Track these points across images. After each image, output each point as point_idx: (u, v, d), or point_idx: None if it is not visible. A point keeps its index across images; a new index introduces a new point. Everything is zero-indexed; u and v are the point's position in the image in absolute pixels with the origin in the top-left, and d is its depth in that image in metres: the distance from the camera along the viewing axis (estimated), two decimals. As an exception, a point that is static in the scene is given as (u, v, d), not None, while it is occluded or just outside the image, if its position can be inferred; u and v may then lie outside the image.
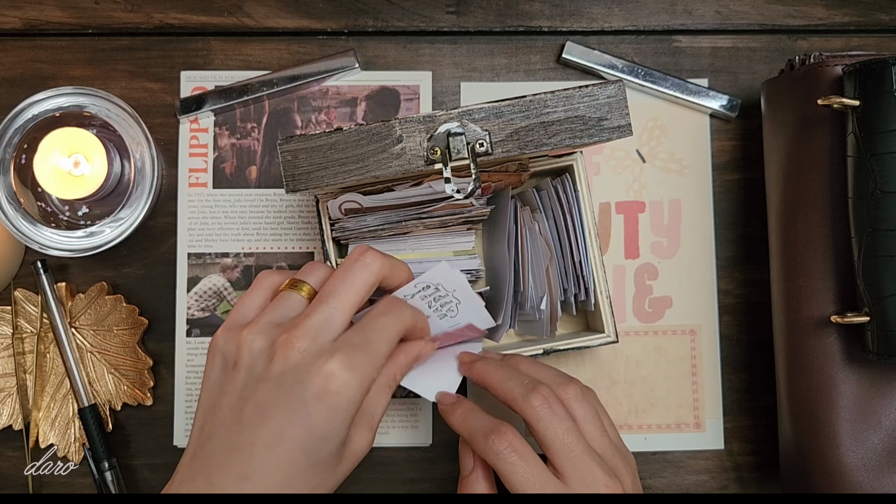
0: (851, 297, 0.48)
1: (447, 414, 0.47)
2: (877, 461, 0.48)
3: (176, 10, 0.59)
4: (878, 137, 0.45)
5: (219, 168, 0.58)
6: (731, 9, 0.59)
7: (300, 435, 0.39)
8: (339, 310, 0.42)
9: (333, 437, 0.40)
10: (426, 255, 0.53)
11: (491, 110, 0.44)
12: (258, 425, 0.39)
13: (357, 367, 0.40)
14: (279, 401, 0.39)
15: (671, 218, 0.59)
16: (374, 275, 0.43)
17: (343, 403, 0.40)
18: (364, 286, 0.43)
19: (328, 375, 0.39)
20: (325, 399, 0.39)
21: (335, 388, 0.39)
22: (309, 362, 0.40)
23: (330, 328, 0.41)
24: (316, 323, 0.41)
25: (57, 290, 0.56)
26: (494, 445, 0.44)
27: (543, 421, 0.44)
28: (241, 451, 0.39)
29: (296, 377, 0.40)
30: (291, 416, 0.39)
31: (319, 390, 0.39)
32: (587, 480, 0.43)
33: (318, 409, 0.39)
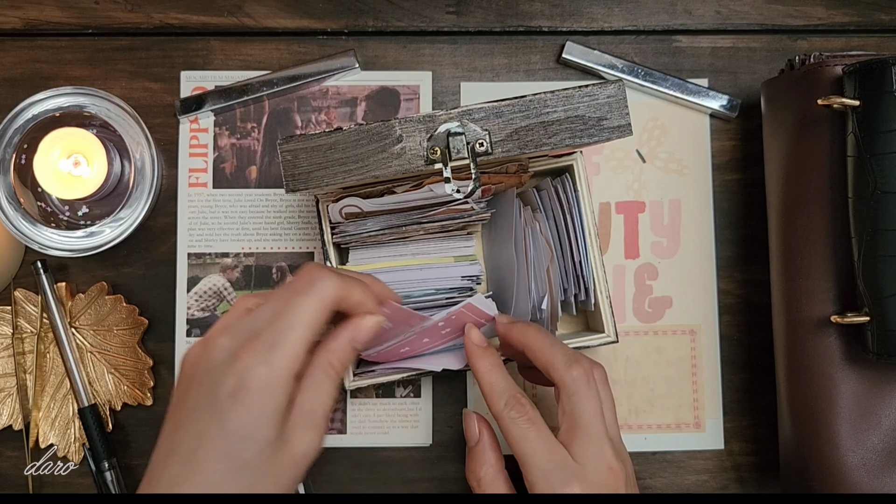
0: (851, 297, 0.48)
1: (474, 357, 0.48)
2: (877, 461, 0.48)
3: (176, 10, 0.59)
4: (878, 137, 0.45)
5: (219, 168, 0.58)
6: (731, 9, 0.59)
7: (216, 435, 0.37)
8: (266, 307, 0.40)
9: (253, 436, 0.38)
10: (427, 260, 0.53)
11: (491, 110, 0.44)
12: (185, 428, 0.39)
13: (269, 358, 0.38)
14: (200, 402, 0.39)
15: (671, 218, 0.59)
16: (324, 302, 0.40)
17: (256, 400, 0.38)
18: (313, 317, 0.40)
19: (241, 372, 0.38)
20: (237, 396, 0.37)
21: (246, 384, 0.38)
22: (225, 360, 0.39)
23: (251, 325, 0.40)
24: (239, 323, 0.40)
25: (57, 290, 0.56)
26: (511, 412, 0.44)
27: (578, 395, 0.45)
28: (172, 456, 0.39)
29: (215, 377, 0.38)
30: (210, 418, 0.38)
31: (233, 388, 0.38)
32: (595, 458, 0.43)
33: (231, 407, 0.37)
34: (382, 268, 0.52)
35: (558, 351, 0.46)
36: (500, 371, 0.47)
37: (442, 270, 0.53)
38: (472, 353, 0.48)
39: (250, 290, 0.58)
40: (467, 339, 0.48)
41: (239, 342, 0.39)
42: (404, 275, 0.52)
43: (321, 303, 0.40)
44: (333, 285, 0.41)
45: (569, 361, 0.45)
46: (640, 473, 0.58)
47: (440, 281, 0.52)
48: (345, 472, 0.57)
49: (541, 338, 0.47)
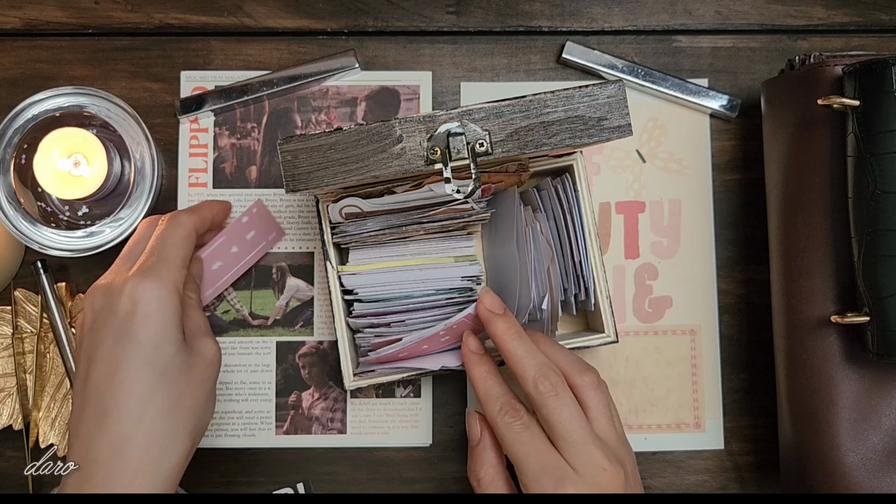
0: (851, 297, 0.48)
1: (470, 363, 0.48)
2: (877, 461, 0.48)
3: (176, 10, 0.59)
4: (878, 137, 0.45)
5: (219, 168, 0.58)
6: (731, 9, 0.59)
7: (131, 352, 0.42)
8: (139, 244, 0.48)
9: (165, 340, 0.44)
10: (427, 260, 0.53)
11: (491, 110, 0.44)
12: (94, 364, 0.43)
13: (154, 275, 0.45)
14: (101, 337, 0.43)
15: (671, 218, 0.59)
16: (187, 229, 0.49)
17: (154, 310, 0.43)
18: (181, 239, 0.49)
19: (131, 292, 0.44)
20: (136, 311, 0.43)
21: (139, 297, 0.43)
22: (114, 291, 0.44)
23: (129, 257, 0.47)
24: (120, 261, 0.47)
25: (57, 290, 0.56)
26: (506, 417, 0.45)
27: (548, 406, 0.45)
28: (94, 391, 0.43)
29: (109, 307, 0.44)
30: (116, 340, 0.43)
31: (129, 307, 0.43)
32: (586, 463, 0.44)
33: (134, 323, 0.43)
34: (383, 268, 0.52)
35: (529, 362, 0.46)
36: (494, 377, 0.47)
37: (442, 271, 0.53)
38: (469, 359, 0.48)
39: (250, 290, 0.58)
40: (464, 347, 0.49)
41: (122, 273, 0.46)
42: (404, 275, 0.52)
43: (188, 230, 0.49)
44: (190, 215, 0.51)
45: (536, 375, 0.45)
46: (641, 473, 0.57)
47: (440, 281, 0.52)
48: (345, 472, 0.57)
49: (515, 344, 0.47)
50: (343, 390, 0.57)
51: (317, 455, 0.57)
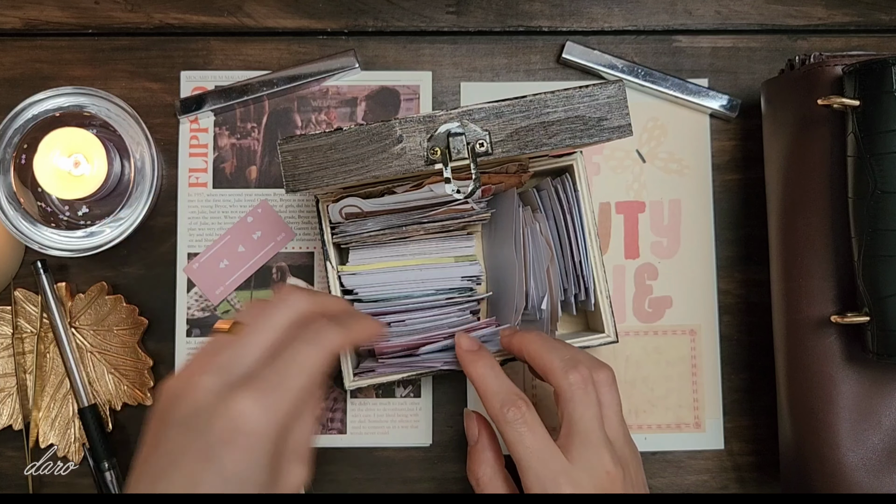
0: (851, 297, 0.48)
1: (467, 363, 0.47)
2: (877, 461, 0.48)
3: (176, 10, 0.59)
4: (878, 137, 0.45)
5: (219, 168, 0.58)
6: (731, 9, 0.59)
7: (214, 483, 0.35)
8: (253, 344, 0.39)
9: (253, 480, 0.36)
10: (427, 260, 0.53)
11: (491, 110, 0.44)
12: (172, 475, 0.36)
13: (268, 405, 0.37)
14: (187, 447, 0.36)
15: (671, 218, 0.59)
16: (297, 312, 0.41)
17: (255, 445, 0.36)
18: (284, 323, 0.40)
19: (236, 416, 0.36)
20: (235, 442, 0.36)
21: (245, 430, 0.36)
22: (214, 402, 0.36)
23: (240, 364, 0.38)
24: (224, 360, 0.38)
25: (57, 290, 0.56)
26: (508, 414, 0.44)
27: (575, 401, 0.44)
28: None
29: (202, 420, 0.36)
30: (202, 464, 0.36)
31: (228, 433, 0.36)
32: (593, 464, 0.43)
33: (228, 453, 0.36)
34: (382, 268, 0.52)
35: (556, 356, 0.46)
36: (494, 372, 0.46)
37: (442, 271, 0.53)
38: (464, 359, 0.48)
39: (250, 290, 0.58)
40: (458, 348, 0.48)
41: (227, 382, 0.37)
42: (404, 275, 0.52)
43: (327, 355, 0.40)
44: (340, 339, 0.40)
45: (566, 367, 0.45)
46: (640, 473, 0.58)
47: (440, 281, 0.53)
48: (345, 472, 0.57)
49: (539, 343, 0.47)
50: (343, 390, 0.57)
51: (317, 455, 0.57)
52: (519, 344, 0.48)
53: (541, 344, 0.47)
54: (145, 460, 0.37)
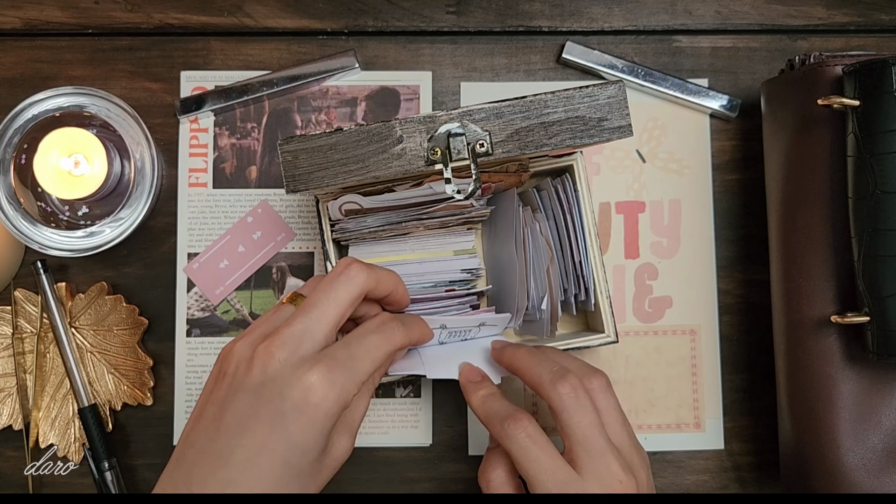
0: (851, 297, 0.48)
1: (468, 392, 0.48)
2: (877, 461, 0.48)
3: (176, 10, 0.59)
4: (878, 137, 0.45)
5: (219, 168, 0.58)
6: (731, 9, 0.59)
7: (280, 447, 0.39)
8: (321, 321, 0.42)
9: (313, 448, 0.40)
10: (426, 255, 0.53)
11: (491, 111, 0.44)
12: (238, 435, 0.39)
13: (337, 382, 0.40)
14: (258, 412, 0.39)
15: (671, 218, 0.59)
16: (359, 287, 0.43)
17: (321, 416, 0.40)
18: (347, 298, 0.43)
19: (308, 388, 0.39)
20: (304, 411, 0.39)
21: (314, 401, 0.39)
22: (288, 373, 0.40)
23: (311, 339, 0.41)
24: (296, 333, 0.41)
25: (57, 290, 0.56)
26: (510, 430, 0.44)
27: (568, 410, 0.44)
28: (221, 461, 0.39)
29: (275, 388, 0.40)
30: (271, 428, 0.39)
31: (299, 402, 0.39)
32: (602, 473, 0.43)
33: (297, 421, 0.39)
34: (381, 262, 0.52)
35: (544, 370, 0.46)
36: (494, 397, 0.47)
37: (441, 264, 0.53)
38: (466, 388, 0.48)
39: (250, 290, 0.58)
40: (461, 377, 0.49)
41: (300, 356, 0.41)
42: (403, 268, 0.52)
43: (391, 349, 0.44)
44: (403, 338, 0.45)
45: (553, 378, 0.45)
46: (640, 473, 0.58)
47: (439, 274, 0.53)
48: (345, 472, 0.57)
49: (527, 358, 0.47)
50: (343, 390, 0.57)
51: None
52: (509, 360, 0.48)
53: (529, 358, 0.47)
54: (212, 418, 0.41)
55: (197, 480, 0.39)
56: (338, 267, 0.44)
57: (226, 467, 0.39)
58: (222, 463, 0.39)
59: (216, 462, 0.39)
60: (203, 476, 0.39)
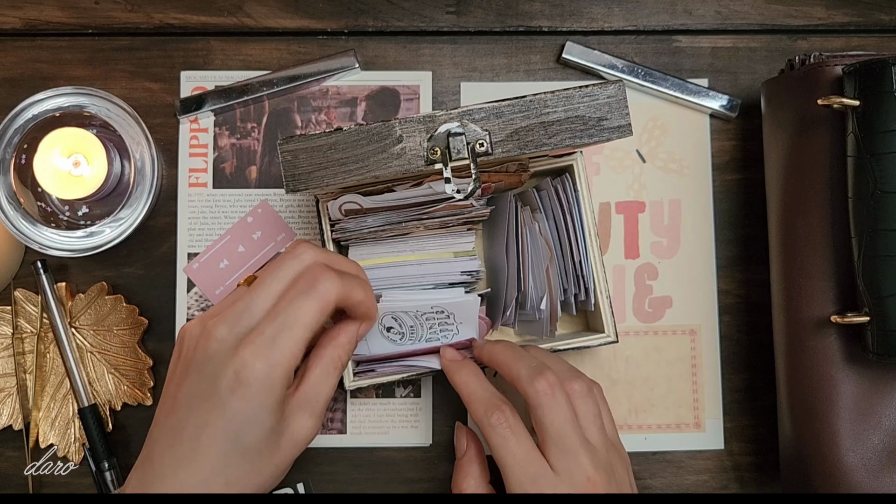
0: (851, 297, 0.48)
1: (451, 371, 0.48)
2: (877, 461, 0.48)
3: (176, 10, 0.59)
4: (878, 137, 0.45)
5: (219, 168, 0.58)
6: (731, 9, 0.59)
7: (220, 424, 0.40)
8: (261, 296, 0.42)
9: (255, 424, 0.40)
10: (426, 255, 0.53)
11: (491, 110, 0.44)
12: (186, 413, 0.41)
13: (268, 355, 0.40)
14: (200, 390, 0.41)
15: (671, 218, 0.59)
16: (304, 265, 0.43)
17: (255, 391, 0.40)
18: (292, 274, 0.43)
19: (240, 366, 0.40)
20: (237, 390, 0.40)
21: (244, 377, 0.40)
22: (224, 351, 0.41)
23: (249, 316, 0.41)
24: (237, 311, 0.41)
25: (57, 290, 0.56)
26: (492, 418, 0.45)
27: (543, 406, 0.45)
28: (175, 436, 0.41)
29: (213, 368, 0.41)
30: (211, 406, 0.40)
31: (232, 381, 0.40)
32: (572, 469, 0.43)
33: (231, 398, 0.40)
34: (381, 263, 0.52)
35: (523, 365, 0.46)
36: (478, 379, 0.47)
37: (441, 266, 0.53)
38: (448, 368, 0.49)
39: (250, 290, 0.58)
40: (442, 359, 0.50)
41: (237, 333, 0.41)
42: (403, 270, 0.52)
43: (323, 306, 0.42)
44: (335, 288, 0.42)
45: (531, 375, 0.45)
46: (640, 473, 0.58)
47: (439, 276, 0.53)
48: (345, 472, 0.57)
49: (506, 353, 0.48)
50: (343, 390, 0.57)
51: (317, 455, 0.57)
52: (489, 355, 0.49)
53: (508, 354, 0.47)
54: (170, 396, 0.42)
55: (157, 455, 0.41)
56: (288, 247, 0.45)
57: (180, 443, 0.40)
58: (176, 439, 0.41)
59: (171, 439, 0.41)
60: (161, 451, 0.41)
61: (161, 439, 0.42)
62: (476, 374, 0.48)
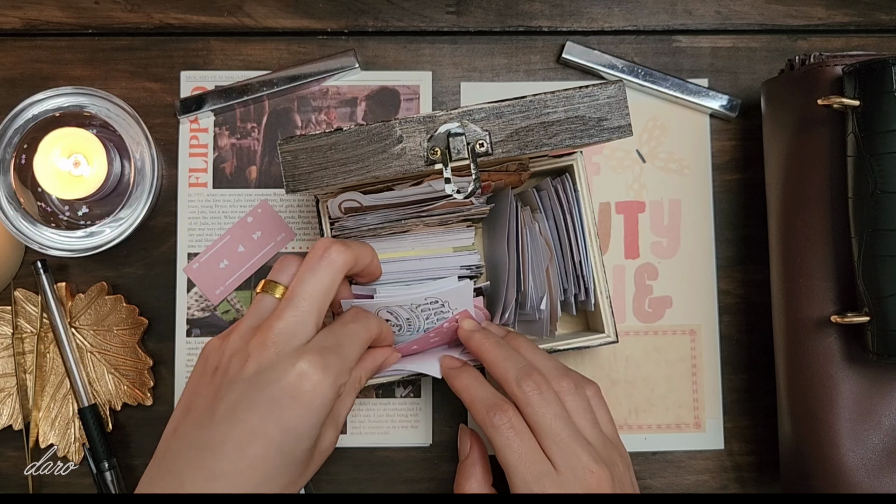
0: (851, 297, 0.48)
1: (451, 378, 0.48)
2: (877, 461, 0.48)
3: (176, 10, 0.59)
4: (878, 137, 0.45)
5: (219, 168, 0.58)
6: (731, 9, 0.59)
7: (274, 434, 0.40)
8: (311, 312, 0.43)
9: (307, 435, 0.41)
10: (426, 252, 0.53)
11: (491, 110, 0.44)
12: (230, 425, 0.40)
13: (329, 368, 0.41)
14: (252, 400, 0.40)
15: (671, 218, 0.59)
16: (340, 270, 0.44)
17: (317, 402, 0.41)
18: (332, 283, 0.44)
19: (301, 375, 0.40)
20: (298, 398, 0.40)
21: (309, 388, 0.40)
22: (282, 362, 0.41)
23: (303, 330, 0.42)
24: (290, 325, 0.42)
25: (57, 290, 0.56)
26: (494, 419, 0.45)
27: (532, 405, 0.45)
28: (211, 450, 0.39)
29: (269, 377, 0.40)
30: (266, 416, 0.40)
31: (293, 389, 0.40)
32: (573, 464, 0.44)
33: (291, 407, 0.40)
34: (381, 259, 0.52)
35: (510, 365, 0.46)
36: (478, 381, 0.47)
37: (441, 261, 0.53)
38: (448, 375, 0.49)
39: (250, 290, 0.58)
40: (442, 368, 0.50)
41: (293, 346, 0.42)
42: (403, 265, 0.52)
43: (371, 335, 0.46)
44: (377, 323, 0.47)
45: (519, 375, 0.46)
46: (640, 473, 0.58)
47: (439, 271, 0.53)
48: (345, 472, 0.57)
49: (495, 350, 0.48)
50: (343, 390, 0.57)
51: (317, 455, 0.57)
52: (476, 348, 0.49)
53: (497, 353, 0.47)
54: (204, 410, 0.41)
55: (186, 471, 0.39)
56: (317, 250, 0.44)
57: (215, 457, 0.39)
58: (212, 453, 0.39)
59: (205, 452, 0.39)
60: (191, 466, 0.39)
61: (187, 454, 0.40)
62: (476, 377, 0.48)
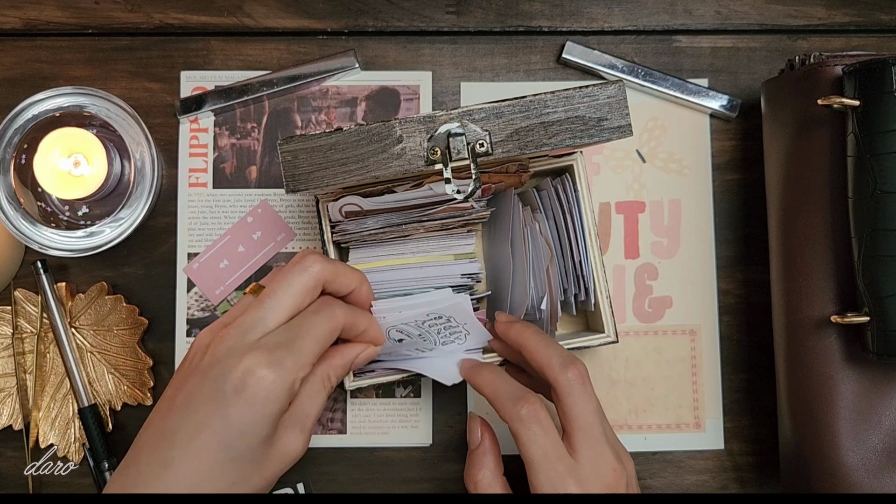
0: (851, 297, 0.48)
1: (473, 374, 0.48)
2: (877, 461, 0.48)
3: (176, 10, 0.59)
4: (878, 137, 0.45)
5: (219, 168, 0.58)
6: (731, 9, 0.59)
7: (218, 427, 0.40)
8: (274, 309, 0.43)
9: (252, 432, 0.40)
10: (427, 258, 0.53)
11: (491, 110, 0.44)
12: (183, 415, 0.41)
13: (279, 364, 0.41)
14: (203, 392, 0.41)
15: (671, 218, 0.59)
16: (313, 278, 0.44)
17: (260, 398, 0.40)
18: (302, 288, 0.43)
19: (246, 371, 0.40)
20: (242, 393, 0.40)
21: (252, 383, 0.40)
22: (233, 356, 0.41)
23: (261, 326, 0.42)
24: (249, 320, 0.42)
25: (57, 290, 0.56)
26: (522, 411, 0.44)
27: (574, 395, 0.45)
28: (165, 439, 0.40)
29: (219, 370, 0.41)
30: (212, 408, 0.40)
31: (238, 384, 0.40)
32: (598, 461, 0.44)
33: (235, 402, 0.40)
34: (382, 266, 0.52)
35: (554, 352, 0.46)
36: (501, 376, 0.47)
37: (441, 269, 0.53)
38: (469, 374, 0.49)
39: (250, 290, 0.58)
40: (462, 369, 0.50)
41: (247, 342, 0.42)
42: (404, 273, 0.52)
43: (334, 327, 0.44)
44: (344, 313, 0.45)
45: (564, 363, 0.45)
46: (640, 473, 0.58)
47: (440, 279, 0.53)
48: (345, 472, 0.57)
49: (537, 339, 0.48)
50: (343, 390, 0.57)
51: (317, 455, 0.57)
52: (517, 336, 0.48)
53: (539, 339, 0.47)
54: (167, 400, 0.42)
55: (143, 458, 0.41)
56: (295, 257, 0.45)
57: (169, 446, 0.40)
58: (166, 441, 0.40)
59: (162, 440, 0.40)
60: (148, 454, 0.41)
61: (150, 442, 0.41)
62: (499, 372, 0.48)
